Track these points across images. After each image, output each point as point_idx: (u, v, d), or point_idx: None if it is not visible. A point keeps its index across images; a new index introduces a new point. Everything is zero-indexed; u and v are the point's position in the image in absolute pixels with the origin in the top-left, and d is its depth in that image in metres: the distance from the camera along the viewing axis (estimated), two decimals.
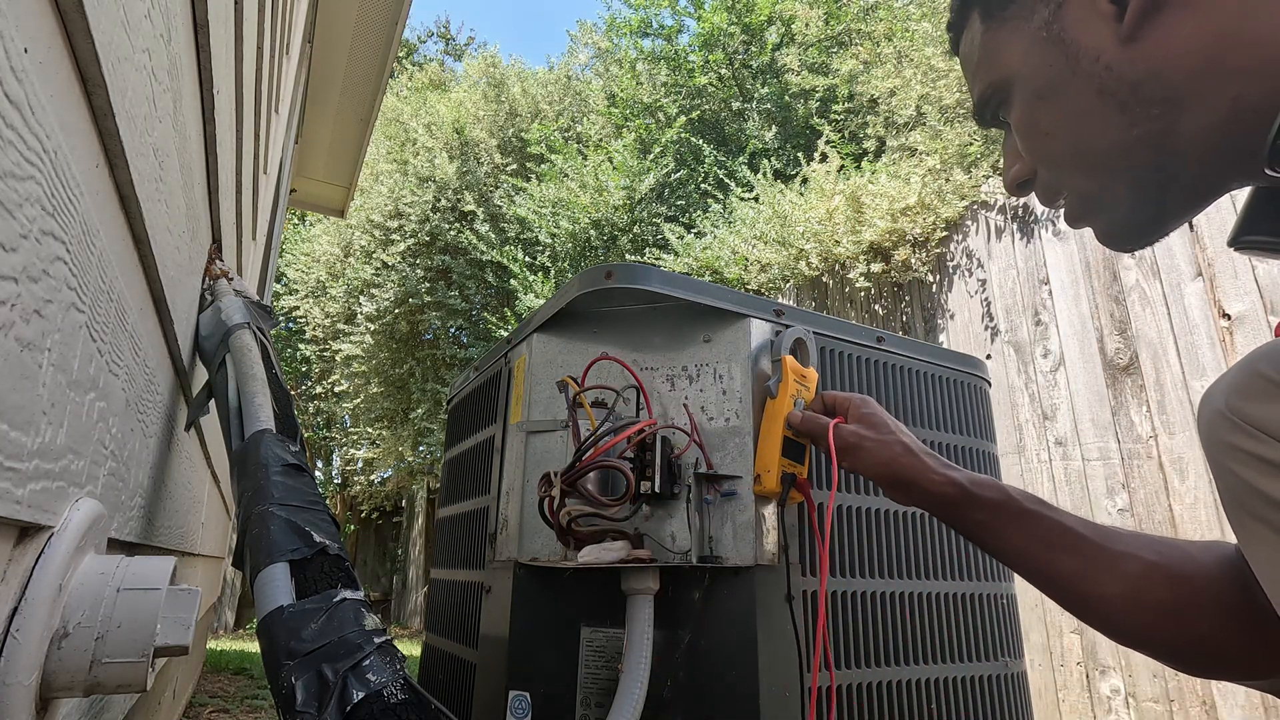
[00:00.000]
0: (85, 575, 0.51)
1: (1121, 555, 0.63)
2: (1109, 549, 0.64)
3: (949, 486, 0.75)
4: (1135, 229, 0.58)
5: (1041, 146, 0.59)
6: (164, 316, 0.83)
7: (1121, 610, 0.62)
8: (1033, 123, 0.59)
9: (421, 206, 7.48)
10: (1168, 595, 0.60)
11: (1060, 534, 0.67)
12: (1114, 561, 0.63)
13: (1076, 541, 0.66)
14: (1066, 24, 0.55)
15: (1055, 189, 0.61)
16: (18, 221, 0.37)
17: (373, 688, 0.53)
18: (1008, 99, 0.61)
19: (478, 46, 14.26)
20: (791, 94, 6.57)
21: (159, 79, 0.65)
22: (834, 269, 3.92)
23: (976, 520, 0.73)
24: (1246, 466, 0.42)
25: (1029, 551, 0.69)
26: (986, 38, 0.61)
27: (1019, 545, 0.70)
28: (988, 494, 0.73)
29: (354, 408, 8.19)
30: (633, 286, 0.96)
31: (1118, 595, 0.62)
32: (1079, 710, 2.61)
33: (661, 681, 0.85)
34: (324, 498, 0.73)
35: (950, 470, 0.76)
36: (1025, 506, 0.70)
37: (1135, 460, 2.58)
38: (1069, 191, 0.60)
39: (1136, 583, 0.61)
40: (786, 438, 0.90)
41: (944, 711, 1.00)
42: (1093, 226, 0.60)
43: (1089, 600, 0.65)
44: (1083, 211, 0.60)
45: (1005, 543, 0.71)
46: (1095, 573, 0.64)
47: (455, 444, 1.43)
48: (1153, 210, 0.56)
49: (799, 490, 0.90)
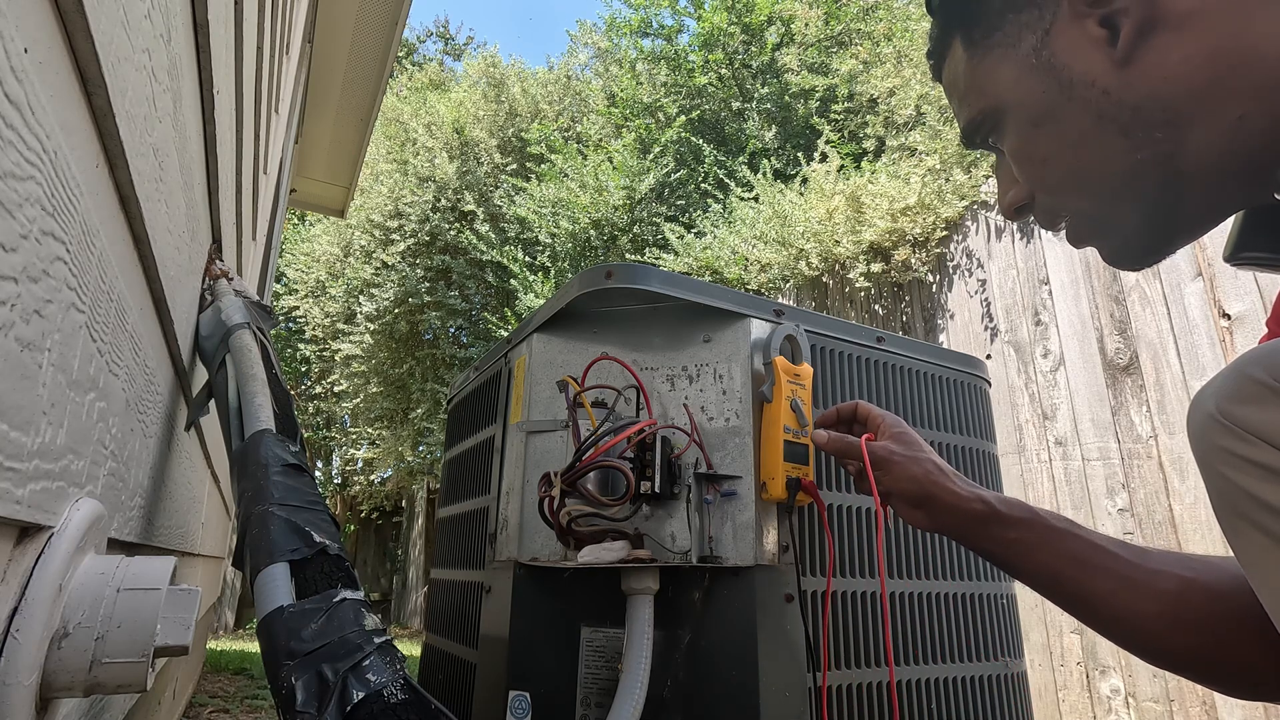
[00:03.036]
0: (85, 575, 0.51)
1: (1156, 573, 0.62)
2: (1144, 567, 0.63)
3: (978, 504, 0.74)
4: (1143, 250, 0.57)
5: (1040, 173, 0.58)
6: (164, 316, 0.83)
7: (1160, 630, 0.60)
8: (1029, 150, 0.58)
9: (421, 206, 7.48)
10: (1205, 613, 0.58)
11: (1093, 552, 0.66)
12: (1150, 580, 0.61)
13: (1110, 560, 0.64)
14: (1056, 50, 0.54)
15: (1056, 213, 0.60)
16: (18, 221, 0.37)
17: (373, 688, 0.53)
18: (999, 126, 0.60)
19: (477, 46, 14.28)
20: (791, 94, 6.57)
21: (159, 79, 0.65)
22: (834, 269, 3.92)
23: (1006, 539, 0.72)
24: (1238, 471, 0.41)
25: (1060, 571, 0.67)
26: (972, 65, 0.60)
27: (1050, 564, 0.68)
28: (1017, 513, 0.72)
29: (354, 407, 8.19)
30: (633, 286, 0.96)
31: (1155, 614, 0.60)
32: (1079, 710, 2.61)
33: (661, 681, 0.85)
34: (324, 498, 0.73)
35: (979, 489, 0.76)
36: (1055, 525, 0.69)
37: (1135, 460, 2.58)
38: (1072, 215, 0.59)
39: (1174, 601, 0.60)
40: (787, 441, 0.90)
41: (944, 711, 1.00)
42: (1098, 248, 0.59)
43: (1126, 620, 0.63)
44: (1087, 234, 0.59)
45: (1036, 562, 0.69)
46: (1131, 591, 0.62)
47: (455, 444, 1.43)
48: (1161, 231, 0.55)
49: (806, 492, 0.90)
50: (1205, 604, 0.58)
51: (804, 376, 0.94)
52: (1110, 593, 0.63)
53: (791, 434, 0.90)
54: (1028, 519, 0.71)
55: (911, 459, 0.80)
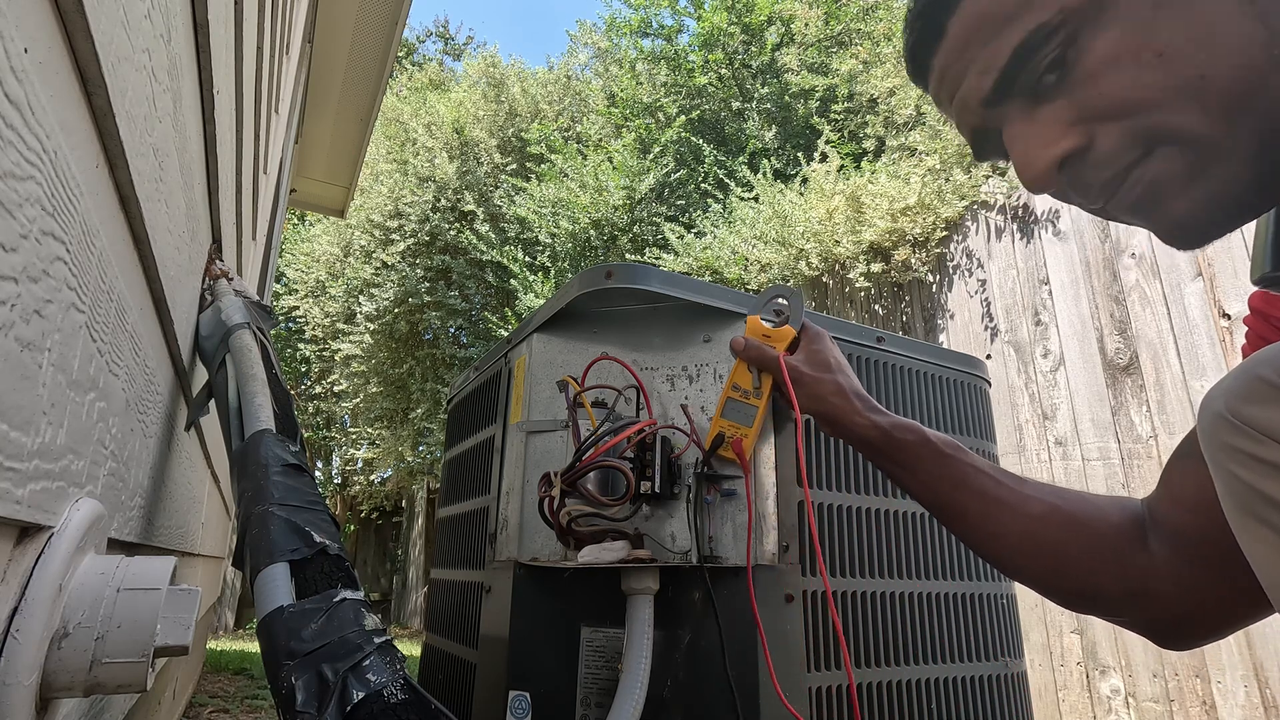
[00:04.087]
0: (85, 575, 0.51)
1: (1026, 498, 0.66)
2: (1016, 490, 0.67)
3: (872, 430, 0.78)
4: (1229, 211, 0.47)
5: (1148, 80, 0.46)
6: (164, 316, 0.83)
7: (1016, 547, 0.65)
8: (1141, 45, 0.46)
9: (421, 206, 7.48)
10: (1061, 536, 0.62)
11: (972, 475, 0.70)
12: (1019, 502, 0.66)
13: (986, 482, 0.69)
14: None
15: (1134, 148, 0.47)
16: (18, 221, 0.37)
17: (373, 688, 0.53)
18: (1082, 30, 0.47)
19: (476, 46, 14.27)
20: (791, 94, 6.57)
21: (159, 79, 0.65)
22: (834, 269, 3.93)
23: (896, 460, 0.76)
24: (1247, 468, 0.41)
25: (939, 489, 0.72)
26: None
27: (930, 484, 0.73)
28: (907, 437, 0.75)
29: (353, 407, 8.19)
30: (633, 286, 0.96)
31: (1016, 533, 0.65)
32: (1079, 710, 2.61)
33: (661, 681, 0.85)
34: (324, 498, 0.73)
35: (876, 415, 0.79)
36: (941, 450, 0.73)
37: (1135, 460, 2.58)
38: (1166, 149, 0.47)
39: (1034, 523, 0.64)
40: (730, 399, 0.90)
41: (944, 711, 1.00)
42: (1170, 209, 0.48)
43: (989, 537, 0.68)
44: (1171, 182, 0.47)
45: (918, 482, 0.74)
46: (999, 510, 0.67)
47: (455, 444, 1.43)
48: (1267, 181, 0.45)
49: (734, 452, 0.89)
50: (1061, 528, 0.63)
51: (777, 338, 0.90)
52: (981, 513, 0.68)
53: (739, 393, 0.90)
54: (915, 442, 0.75)
55: (815, 379, 0.83)
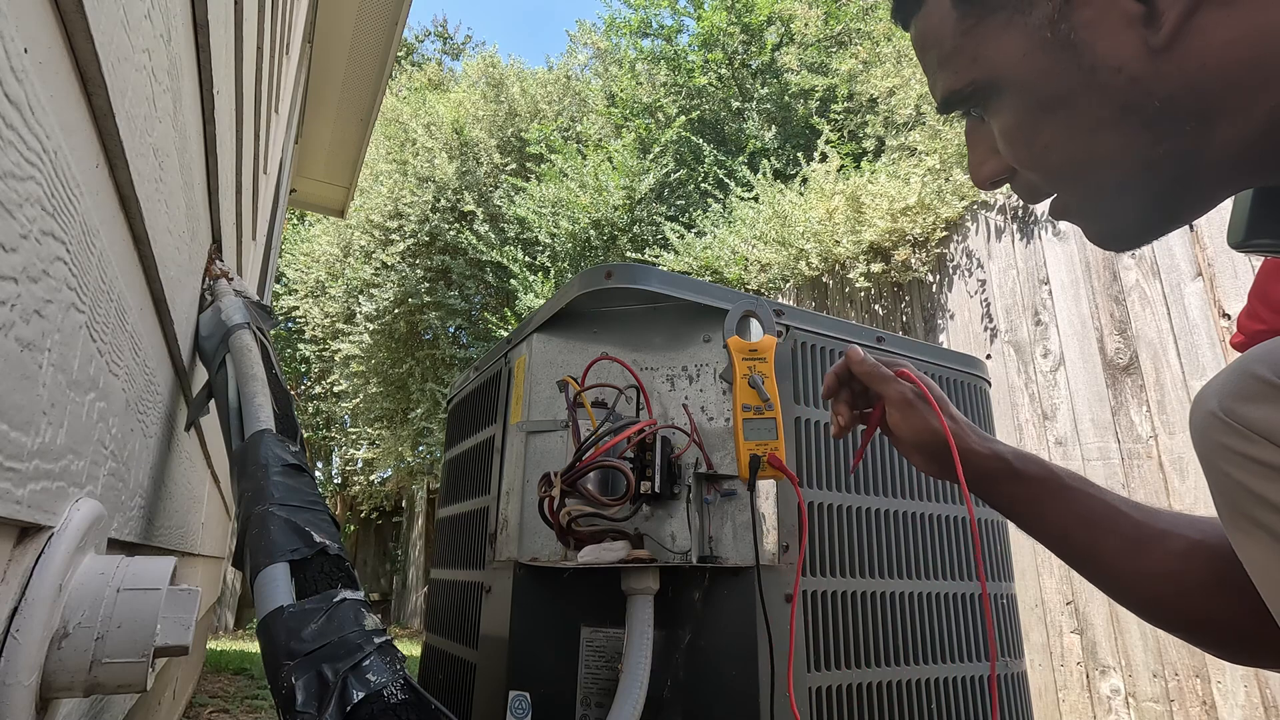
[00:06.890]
0: (85, 575, 0.51)
1: (1164, 534, 0.60)
2: (1152, 527, 0.61)
3: (994, 460, 0.72)
4: (1140, 233, 0.53)
5: (1035, 157, 0.52)
6: (164, 316, 0.83)
7: (1163, 592, 0.59)
8: (1029, 134, 0.52)
9: (421, 206, 7.48)
10: (1209, 576, 0.56)
11: (1102, 511, 0.64)
12: (1157, 540, 0.60)
13: (1118, 520, 0.63)
14: (1078, 25, 0.47)
15: (1042, 193, 0.55)
16: (18, 222, 0.37)
17: (373, 688, 0.53)
18: (992, 100, 0.53)
19: (475, 46, 14.27)
20: (791, 94, 6.58)
21: (159, 79, 0.65)
22: (834, 269, 3.92)
23: (1018, 495, 0.70)
24: (1240, 468, 0.41)
25: (1069, 529, 0.66)
26: (964, 26, 0.53)
27: (1060, 522, 0.67)
28: (1031, 469, 0.70)
29: (353, 407, 8.19)
30: (633, 286, 0.96)
31: (1160, 575, 0.59)
32: (1079, 710, 2.61)
33: (661, 681, 0.85)
34: (324, 498, 0.73)
35: (995, 444, 0.74)
36: (1068, 483, 0.68)
37: (1135, 460, 2.58)
38: (1063, 195, 0.54)
39: (1179, 561, 0.58)
40: (747, 420, 0.87)
41: (944, 711, 1.00)
42: (1083, 228, 0.55)
43: (1130, 578, 0.62)
44: (1076, 214, 0.55)
45: (1046, 519, 0.68)
46: (1136, 551, 0.61)
47: (455, 444, 1.42)
48: (1162, 218, 0.51)
49: (773, 467, 0.85)
50: (1210, 567, 0.56)
51: (762, 349, 0.90)
52: (1116, 552, 0.62)
53: (752, 411, 0.87)
54: (1041, 476, 0.69)
55: (930, 411, 0.77)
